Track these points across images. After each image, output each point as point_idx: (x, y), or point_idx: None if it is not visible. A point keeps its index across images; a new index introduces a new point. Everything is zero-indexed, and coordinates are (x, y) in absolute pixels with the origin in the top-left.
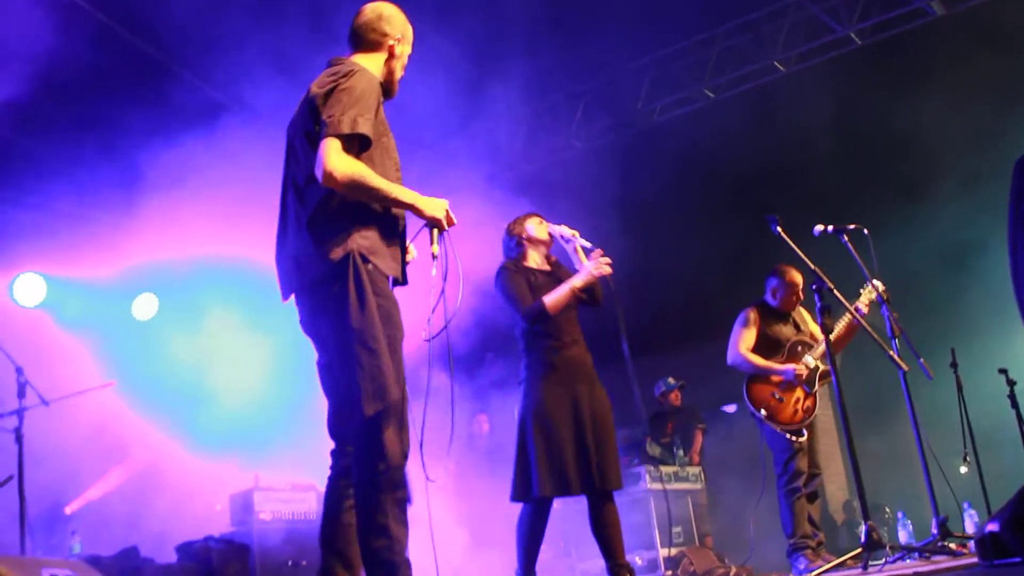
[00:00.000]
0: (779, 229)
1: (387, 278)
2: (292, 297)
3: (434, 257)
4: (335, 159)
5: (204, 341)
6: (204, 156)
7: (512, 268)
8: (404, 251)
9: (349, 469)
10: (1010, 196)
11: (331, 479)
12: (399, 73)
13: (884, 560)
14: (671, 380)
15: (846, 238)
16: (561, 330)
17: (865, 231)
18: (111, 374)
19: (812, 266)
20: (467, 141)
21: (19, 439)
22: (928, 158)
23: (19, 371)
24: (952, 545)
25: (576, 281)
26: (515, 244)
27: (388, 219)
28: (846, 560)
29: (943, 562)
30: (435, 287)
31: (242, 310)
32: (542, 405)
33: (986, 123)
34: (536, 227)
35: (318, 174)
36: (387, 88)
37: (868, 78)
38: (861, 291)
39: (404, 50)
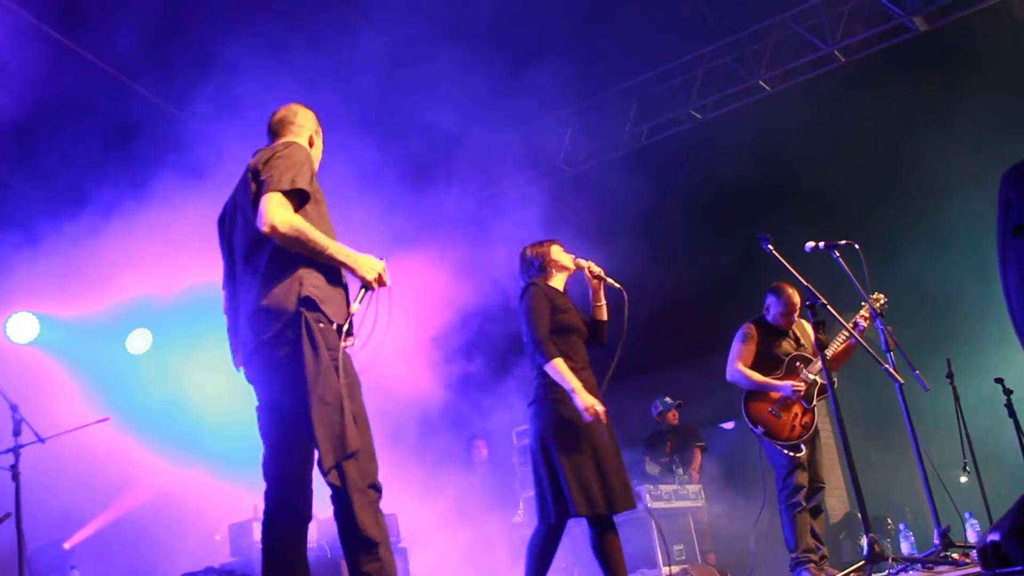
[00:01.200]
0: (770, 247)
1: (335, 328)
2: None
3: (350, 315)
4: (275, 211)
5: (198, 374)
6: (192, 188)
7: (539, 286)
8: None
9: (282, 510)
10: (998, 208)
11: (269, 524)
12: (315, 167)
13: (887, 572)
14: (668, 399)
15: (837, 254)
16: (576, 352)
17: (856, 246)
18: (106, 409)
19: (805, 283)
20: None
21: (15, 476)
22: (920, 171)
23: (14, 408)
24: (954, 555)
25: (576, 397)
26: (539, 265)
27: (331, 266)
28: (849, 573)
29: (946, 572)
30: (348, 343)
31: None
32: (565, 424)
33: (979, 135)
34: (560, 253)
35: (260, 226)
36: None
37: (854, 95)
38: (863, 304)
39: (318, 145)
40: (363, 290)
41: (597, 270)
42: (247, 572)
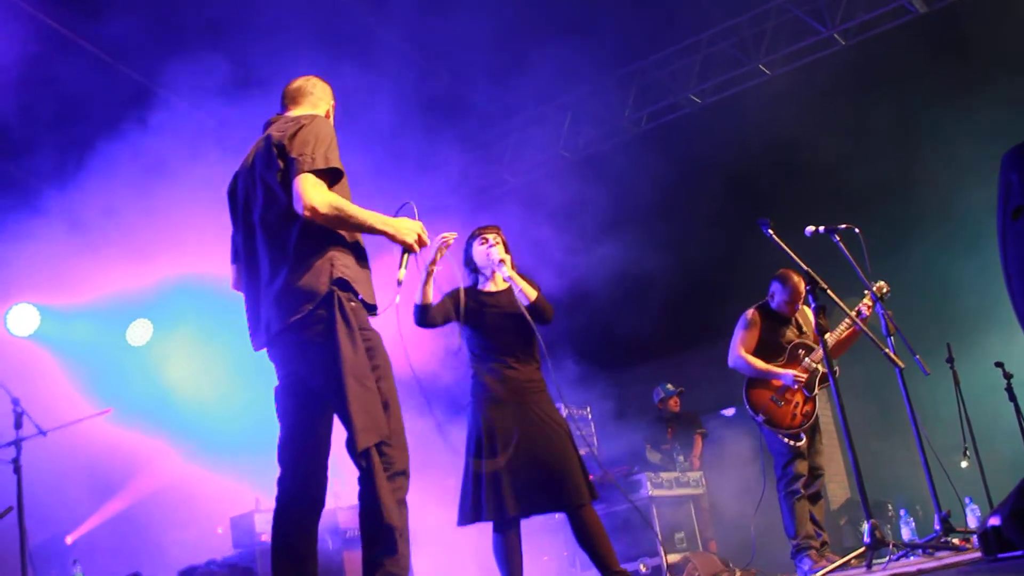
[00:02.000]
0: (771, 232)
1: (367, 308)
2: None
3: (399, 283)
4: (314, 192)
5: (200, 365)
6: (189, 178)
7: (461, 297)
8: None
9: (298, 496)
10: (998, 190)
11: (283, 510)
12: None
13: (888, 558)
14: (669, 386)
15: (838, 238)
16: (500, 352)
17: (856, 230)
18: (107, 401)
19: (806, 267)
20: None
21: (17, 470)
22: (921, 155)
23: (15, 402)
24: (955, 540)
25: (431, 267)
26: (473, 271)
27: (358, 247)
28: (850, 559)
29: (947, 558)
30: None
31: (237, 332)
32: (475, 428)
33: (980, 117)
34: (477, 252)
35: (299, 209)
36: None
37: (855, 78)
38: (865, 293)
39: (331, 121)
40: (405, 255)
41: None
42: (249, 565)
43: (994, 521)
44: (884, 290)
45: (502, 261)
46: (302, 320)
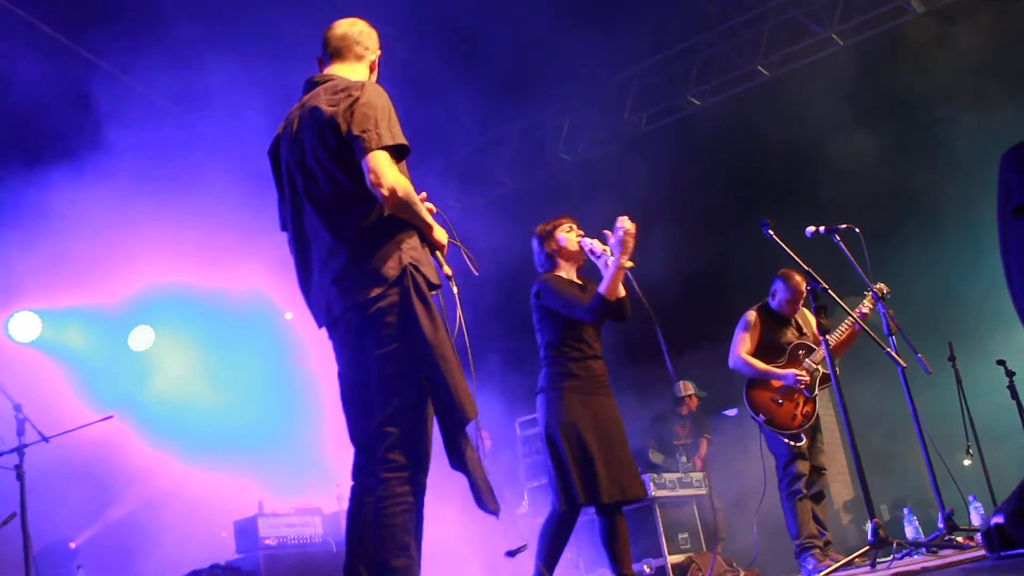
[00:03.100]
0: (771, 232)
1: (433, 289)
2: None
3: (450, 277)
4: (389, 173)
5: (202, 369)
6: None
7: (553, 278)
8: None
9: (364, 484)
10: (998, 190)
11: (359, 496)
12: None
13: (892, 557)
14: (695, 387)
15: (838, 238)
16: (583, 342)
17: (857, 230)
18: (109, 407)
19: (807, 267)
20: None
21: (20, 476)
22: (920, 154)
23: (17, 408)
24: (959, 539)
25: (621, 260)
26: (545, 258)
27: (420, 228)
28: (854, 559)
29: (950, 556)
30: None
31: (240, 337)
32: (569, 415)
33: (981, 117)
34: (566, 238)
35: (376, 190)
36: None
37: (853, 78)
38: (866, 293)
39: (376, 63)
40: (439, 253)
41: (600, 249)
42: (253, 569)
43: (997, 519)
44: (884, 291)
45: (605, 251)
46: (370, 301)
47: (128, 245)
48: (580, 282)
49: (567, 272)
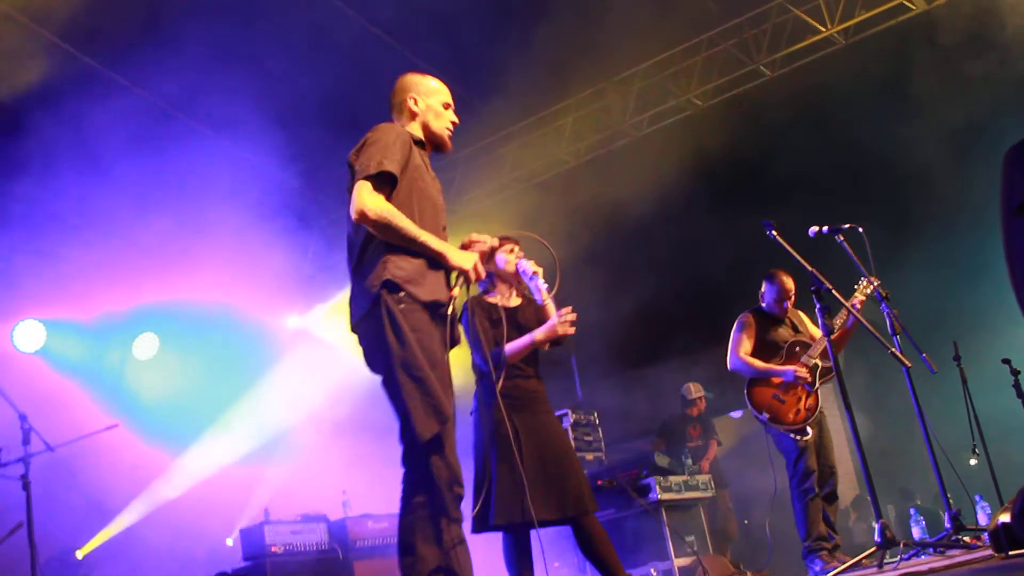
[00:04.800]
0: (774, 233)
1: (424, 306)
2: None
3: (451, 297)
4: (365, 198)
5: (207, 378)
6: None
7: (474, 307)
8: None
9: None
10: (1001, 187)
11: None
12: (437, 123)
13: (899, 557)
14: (703, 388)
15: (841, 238)
16: (516, 363)
17: (860, 229)
18: (114, 416)
19: (810, 268)
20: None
21: (26, 486)
22: (924, 152)
23: (23, 418)
24: (966, 539)
25: (538, 335)
26: (487, 276)
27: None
28: (861, 559)
29: (958, 556)
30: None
31: (242, 346)
32: (495, 435)
33: (984, 115)
34: (506, 260)
35: (351, 213)
36: (433, 141)
37: (856, 77)
38: (856, 287)
39: (428, 102)
40: (459, 276)
41: (531, 271)
42: None
43: (1005, 518)
44: (876, 283)
45: (536, 273)
46: (363, 318)
47: (133, 255)
48: (521, 299)
49: (503, 294)
